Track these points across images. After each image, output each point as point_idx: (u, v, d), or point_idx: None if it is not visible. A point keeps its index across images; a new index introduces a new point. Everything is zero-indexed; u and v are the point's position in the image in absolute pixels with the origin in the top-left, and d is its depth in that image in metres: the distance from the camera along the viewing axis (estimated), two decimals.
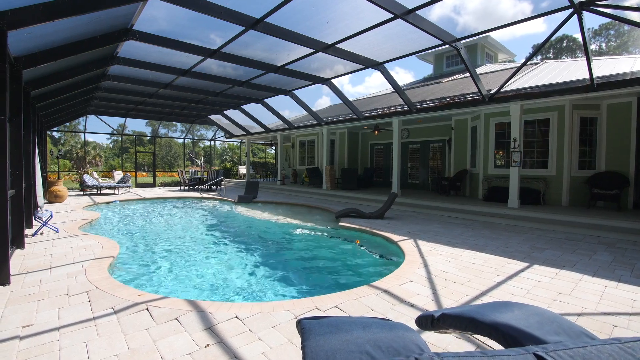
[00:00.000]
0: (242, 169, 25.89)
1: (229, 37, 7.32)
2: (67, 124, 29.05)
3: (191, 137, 35.10)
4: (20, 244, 5.50)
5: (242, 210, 11.06)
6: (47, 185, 11.70)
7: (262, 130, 17.88)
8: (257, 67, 8.97)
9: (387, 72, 8.90)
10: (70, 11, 4.45)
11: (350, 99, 20.48)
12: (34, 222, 7.10)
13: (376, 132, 13.65)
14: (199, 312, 3.16)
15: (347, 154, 17.05)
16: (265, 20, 6.39)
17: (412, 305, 3.43)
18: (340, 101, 11.53)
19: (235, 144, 44.55)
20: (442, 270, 4.58)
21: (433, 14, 6.86)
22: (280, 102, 13.76)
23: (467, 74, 14.30)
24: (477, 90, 9.27)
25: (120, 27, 6.56)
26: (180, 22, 6.99)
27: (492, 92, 8.80)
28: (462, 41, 7.18)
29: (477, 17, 7.67)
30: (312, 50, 7.67)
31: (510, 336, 1.60)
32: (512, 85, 9.29)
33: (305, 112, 20.34)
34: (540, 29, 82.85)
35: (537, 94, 8.08)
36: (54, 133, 40.18)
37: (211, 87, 11.79)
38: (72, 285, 3.86)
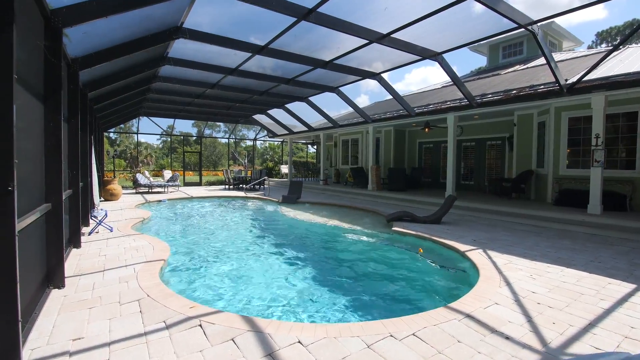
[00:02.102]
0: (284, 169, 25.91)
1: (271, 37, 7.06)
2: (122, 125, 30.88)
3: (234, 137, 35.92)
4: (77, 243, 5.54)
5: (288, 212, 10.79)
6: (103, 184, 12.24)
7: (305, 129, 17.61)
8: (304, 63, 8.59)
9: (446, 63, 8.12)
10: (122, 6, 4.31)
11: (378, 101, 19.69)
12: (90, 221, 7.25)
13: (427, 130, 12.79)
14: (257, 333, 2.78)
15: (393, 153, 16.27)
16: (317, 10, 5.96)
17: (508, 338, 2.81)
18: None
19: (276, 143, 45.04)
20: (529, 291, 3.87)
21: (477, 5, 6.35)
22: (320, 101, 13.45)
23: (529, 65, 13.00)
24: (550, 80, 8.23)
25: (170, 25, 6.48)
26: (223, 26, 6.96)
27: (572, 82, 7.71)
28: (538, 24, 6.28)
29: (527, 6, 6.84)
30: (366, 42, 7.11)
31: None
32: (593, 75, 8.10)
33: (347, 111, 19.83)
34: (600, 15, 76.27)
35: (630, 82, 6.91)
36: (111, 134, 43.11)
37: (256, 86, 11.65)
38: (123, 291, 3.67)
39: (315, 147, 26.70)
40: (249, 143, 47.65)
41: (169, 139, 35.69)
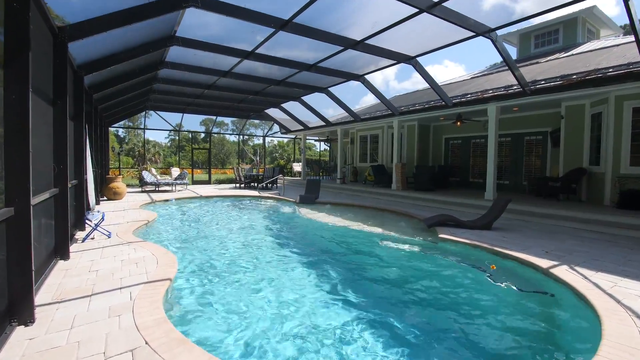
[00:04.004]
0: (297, 167, 24.79)
1: (297, 7, 5.99)
2: (131, 124, 30.10)
3: (242, 135, 34.98)
4: (64, 255, 4.52)
5: (309, 214, 9.67)
6: (106, 181, 11.31)
7: (322, 124, 16.50)
8: (332, 42, 7.40)
9: (500, 42, 6.90)
10: None
11: (397, 94, 18.43)
12: (86, 225, 6.24)
13: (459, 124, 11.59)
14: None
15: (417, 150, 15.08)
16: None
17: None
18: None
19: (285, 141, 43.95)
20: None
21: (486, 2, 6.24)
22: (332, 96, 12.36)
23: (574, 52, 11.71)
24: (618, 63, 6.98)
25: None
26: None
27: None
28: None
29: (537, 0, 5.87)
30: (415, 11, 5.82)
31: None
32: None
33: (364, 106, 18.70)
34: (614, 12, 75.41)
35: None
36: (120, 132, 42.47)
37: (274, 75, 10.57)
38: (112, 333, 2.61)
39: (328, 144, 25.57)
40: (257, 141, 46.92)
41: (177, 137, 34.93)
